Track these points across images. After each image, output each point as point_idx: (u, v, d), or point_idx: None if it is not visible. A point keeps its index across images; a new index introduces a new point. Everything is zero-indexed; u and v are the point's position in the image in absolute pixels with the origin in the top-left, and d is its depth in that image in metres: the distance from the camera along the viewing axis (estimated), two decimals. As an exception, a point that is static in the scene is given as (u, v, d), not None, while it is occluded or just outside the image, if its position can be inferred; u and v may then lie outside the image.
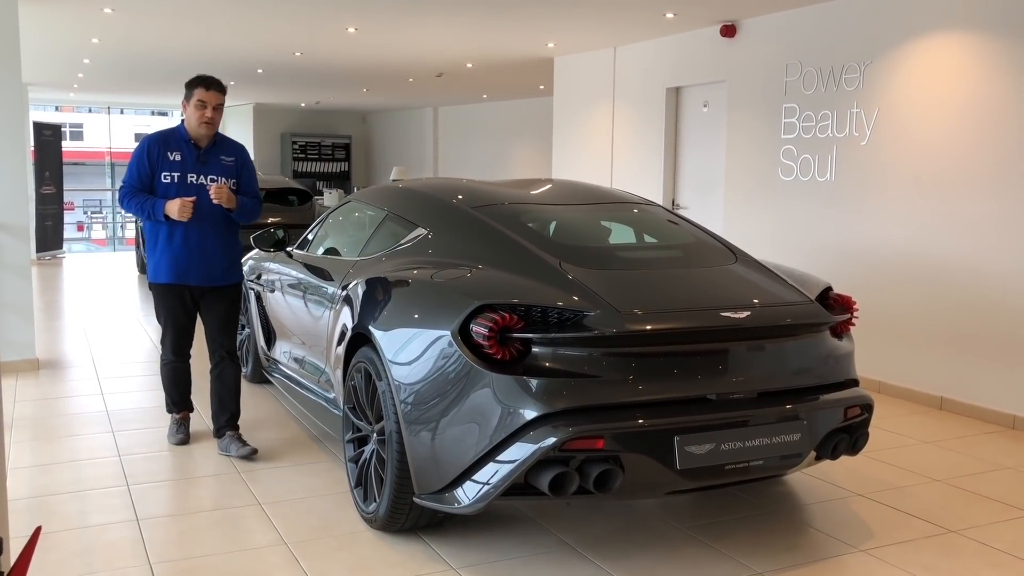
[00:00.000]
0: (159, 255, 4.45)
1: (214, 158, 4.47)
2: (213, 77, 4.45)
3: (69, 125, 33.65)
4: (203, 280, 4.48)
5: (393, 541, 3.51)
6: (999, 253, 5.40)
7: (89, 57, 10.58)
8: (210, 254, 4.46)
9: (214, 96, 4.41)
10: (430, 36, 8.62)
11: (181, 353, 4.64)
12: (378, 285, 3.78)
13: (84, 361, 6.76)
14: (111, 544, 3.47)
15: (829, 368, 3.54)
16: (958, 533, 3.69)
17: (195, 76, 4.43)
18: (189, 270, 4.44)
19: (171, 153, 4.40)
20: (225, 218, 4.49)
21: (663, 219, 4.39)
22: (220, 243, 4.50)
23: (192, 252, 4.41)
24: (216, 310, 4.57)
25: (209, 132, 4.43)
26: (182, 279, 4.45)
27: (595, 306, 3.18)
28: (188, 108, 4.43)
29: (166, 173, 4.39)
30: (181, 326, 4.57)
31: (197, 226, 4.39)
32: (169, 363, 4.66)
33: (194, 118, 4.40)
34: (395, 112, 18.45)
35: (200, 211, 4.37)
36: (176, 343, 4.60)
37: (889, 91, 6.07)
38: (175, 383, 4.71)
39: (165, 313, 4.54)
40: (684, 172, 8.32)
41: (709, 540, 3.56)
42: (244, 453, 4.46)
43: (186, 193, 4.35)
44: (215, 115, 4.42)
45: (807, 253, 6.62)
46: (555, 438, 2.94)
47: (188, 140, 4.43)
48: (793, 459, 3.34)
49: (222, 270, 4.52)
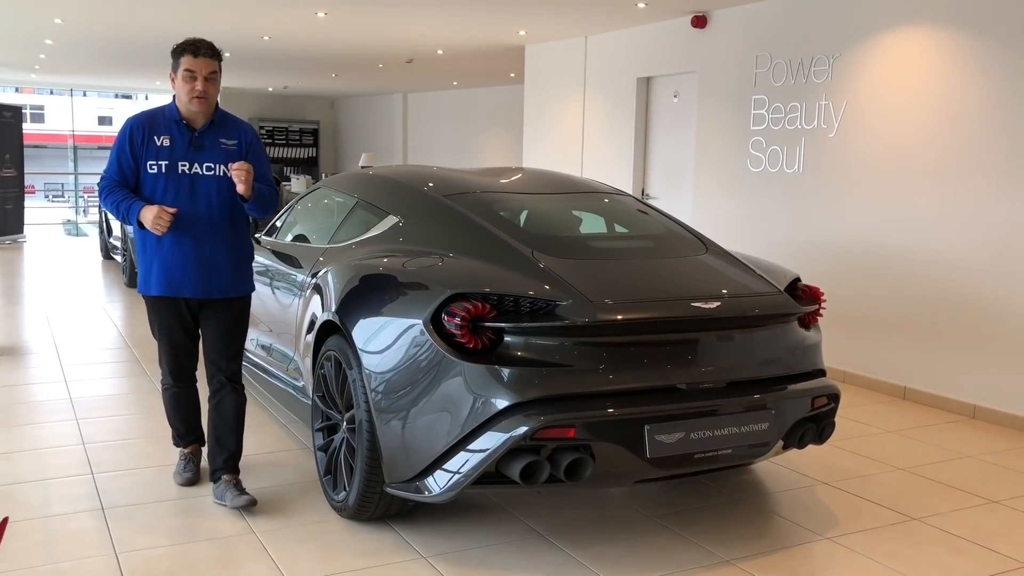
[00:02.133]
0: (148, 261, 3.68)
1: (211, 141, 3.65)
2: (203, 40, 3.61)
3: (30, 107, 33.01)
4: (201, 292, 3.68)
5: (363, 530, 3.50)
6: (962, 245, 5.49)
7: (51, 38, 10.37)
8: (209, 260, 3.65)
9: (205, 63, 3.56)
10: (400, 22, 8.56)
11: (182, 376, 3.90)
12: (349, 273, 3.75)
13: (46, 347, 6.65)
14: (75, 533, 3.42)
15: (797, 358, 3.58)
16: (920, 521, 3.76)
17: (181, 41, 3.59)
18: (183, 280, 3.64)
19: (159, 137, 3.61)
20: (229, 216, 3.68)
21: (634, 209, 4.41)
22: (222, 246, 3.69)
23: (187, 258, 3.62)
24: (215, 326, 3.77)
25: (203, 109, 3.60)
26: (175, 291, 3.66)
27: (567, 296, 3.18)
28: (176, 81, 3.60)
29: (152, 162, 3.60)
30: (179, 344, 3.80)
31: (192, 227, 3.60)
32: (169, 388, 3.93)
33: (183, 92, 3.56)
34: (364, 98, 18.32)
35: (196, 209, 3.60)
36: (175, 365, 3.85)
37: (857, 84, 6.13)
38: (178, 412, 3.97)
39: (159, 329, 3.79)
40: (654, 162, 8.34)
41: (677, 528, 3.59)
42: (240, 504, 3.63)
43: (177, 186, 3.59)
44: (208, 87, 3.57)
45: (775, 243, 6.67)
46: (526, 427, 2.95)
47: (179, 120, 3.62)
48: (761, 448, 3.38)
49: (225, 280, 3.70)
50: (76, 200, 20.80)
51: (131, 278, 9.44)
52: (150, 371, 5.94)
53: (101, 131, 37.64)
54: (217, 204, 3.64)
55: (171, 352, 3.82)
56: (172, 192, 3.59)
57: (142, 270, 3.73)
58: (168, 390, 3.94)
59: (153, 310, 3.77)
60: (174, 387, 3.91)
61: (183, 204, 3.58)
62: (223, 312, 3.77)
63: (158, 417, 4.90)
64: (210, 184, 3.63)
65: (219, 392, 3.82)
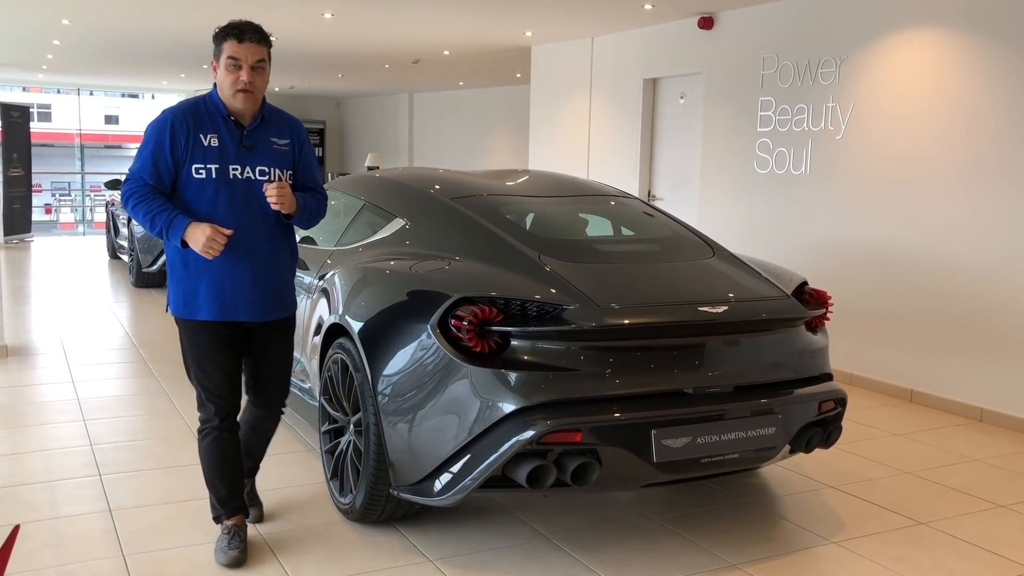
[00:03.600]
0: (193, 279, 3.11)
1: (262, 141, 3.14)
2: (249, 23, 3.08)
3: (37, 106, 33.10)
4: (255, 313, 3.17)
5: (369, 532, 3.50)
6: (970, 248, 5.48)
7: (59, 38, 10.40)
8: (266, 278, 3.17)
9: (251, 50, 3.04)
10: (407, 23, 8.57)
11: (228, 414, 3.22)
12: (356, 276, 3.76)
13: (54, 348, 6.67)
14: (83, 535, 3.43)
15: (804, 362, 3.57)
16: (927, 525, 3.75)
17: (224, 24, 3.09)
18: (238, 302, 3.12)
19: (205, 136, 3.05)
20: (285, 226, 3.25)
21: (640, 212, 4.41)
22: (279, 262, 3.23)
23: (242, 276, 3.11)
24: (267, 353, 3.29)
25: (249, 105, 3.07)
26: (228, 313, 3.12)
27: (574, 300, 3.19)
28: (218, 71, 3.09)
29: (200, 166, 3.03)
30: (227, 375, 3.19)
31: (246, 240, 3.10)
32: (211, 432, 3.21)
33: (226, 84, 3.05)
34: (370, 98, 18.33)
35: (250, 221, 3.10)
36: (222, 399, 3.20)
37: (864, 86, 6.11)
38: (222, 466, 3.24)
39: (202, 358, 3.18)
40: (660, 163, 8.34)
41: (683, 532, 3.59)
42: (251, 518, 3.49)
43: (229, 193, 3.05)
44: (256, 78, 3.05)
45: (781, 245, 6.67)
46: (533, 431, 2.95)
47: (227, 116, 3.09)
48: (768, 452, 3.38)
49: (278, 297, 3.25)
50: (83, 199, 20.84)
51: (138, 278, 9.47)
52: (157, 372, 5.96)
53: (108, 130, 37.76)
54: (273, 213, 3.14)
55: (218, 385, 3.17)
56: (223, 201, 3.06)
57: (182, 289, 3.12)
58: (209, 435, 3.22)
59: (194, 337, 3.17)
60: (218, 430, 3.20)
61: (236, 215, 3.06)
62: (275, 335, 3.29)
63: (165, 418, 4.93)
64: (262, 193, 3.12)
65: (260, 418, 3.45)
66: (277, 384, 3.39)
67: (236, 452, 3.28)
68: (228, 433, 3.23)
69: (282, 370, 3.40)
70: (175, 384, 5.62)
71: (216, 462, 3.24)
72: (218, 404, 3.20)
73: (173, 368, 6.04)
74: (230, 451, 3.25)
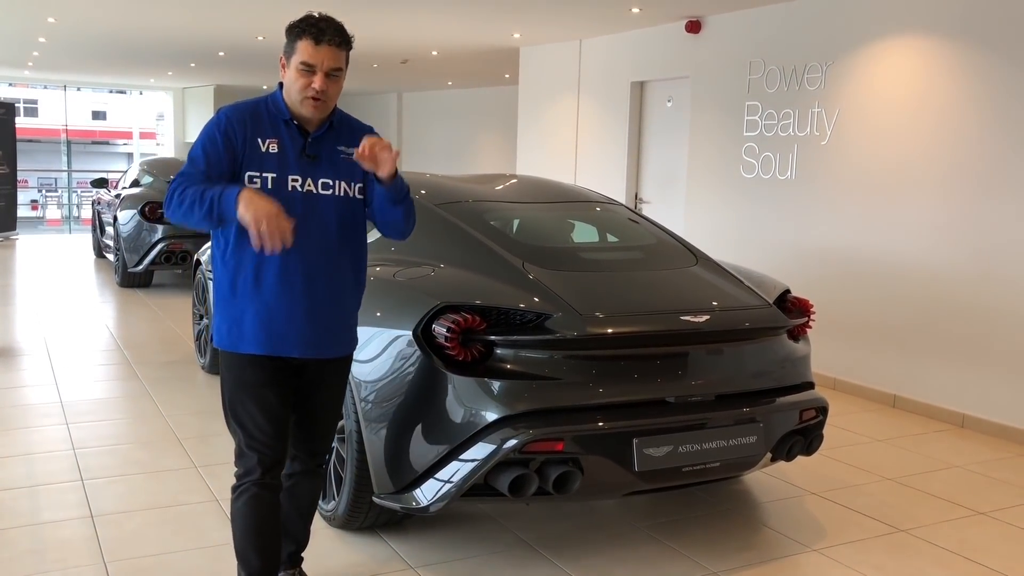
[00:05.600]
0: (240, 306, 2.63)
1: (327, 150, 2.68)
2: (330, 21, 2.63)
3: (23, 101, 32.93)
4: (309, 349, 2.68)
5: (352, 540, 3.50)
6: (953, 254, 5.51)
7: (45, 36, 10.35)
8: (322, 308, 2.68)
9: (329, 55, 2.58)
10: (395, 23, 8.56)
11: (272, 469, 2.69)
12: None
13: (37, 349, 6.64)
14: (64, 542, 3.42)
15: (786, 371, 3.59)
16: (907, 532, 3.78)
17: (301, 18, 2.63)
18: (289, 334, 2.64)
19: (264, 140, 2.62)
20: (350, 250, 2.74)
21: (625, 218, 4.42)
22: (340, 289, 2.73)
23: (295, 304, 2.63)
24: (316, 394, 2.80)
25: (319, 115, 2.66)
26: (277, 347, 2.64)
27: (557, 308, 3.19)
28: (287, 71, 2.63)
29: (255, 173, 2.59)
30: (274, 416, 2.67)
31: (304, 263, 2.62)
32: (249, 490, 2.67)
33: (295, 88, 2.61)
34: (358, 96, 18.30)
35: (310, 240, 2.61)
36: (267, 447, 2.66)
37: (850, 92, 6.14)
38: (259, 534, 2.70)
39: (245, 397, 2.66)
40: (647, 166, 8.36)
41: (665, 538, 3.61)
42: None
43: (287, 207, 2.47)
44: (330, 86, 2.61)
45: (767, 249, 6.70)
46: (516, 440, 2.96)
47: (290, 120, 2.67)
48: (749, 461, 3.40)
49: (337, 331, 2.75)
50: (70, 196, 20.73)
51: (123, 278, 9.43)
52: (141, 374, 5.94)
53: (95, 126, 37.57)
54: (337, 233, 2.68)
55: (262, 430, 2.65)
56: None
57: (227, 317, 2.66)
58: (245, 493, 2.67)
59: (237, 372, 2.67)
60: (258, 486, 2.66)
61: (294, 232, 2.48)
62: (329, 376, 2.81)
63: (149, 422, 4.91)
64: (327, 207, 2.66)
65: (299, 476, 2.88)
66: (322, 432, 2.87)
67: (276, 517, 2.73)
68: (269, 492, 2.68)
69: (330, 417, 2.88)
70: (160, 387, 5.61)
71: (253, 527, 2.68)
72: (262, 453, 2.65)
73: (158, 370, 6.03)
74: (269, 514, 2.70)
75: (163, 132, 25.26)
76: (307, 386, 2.78)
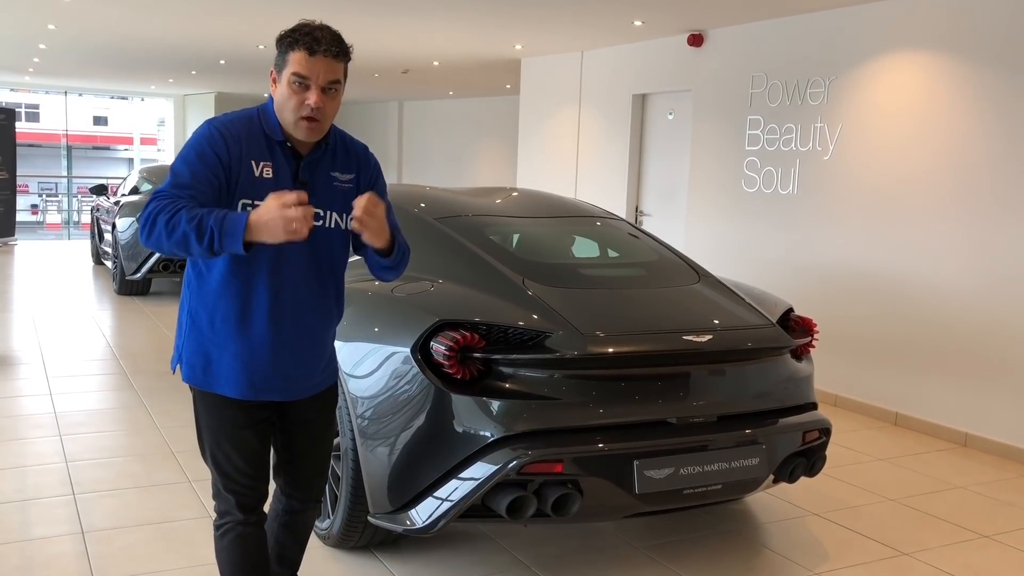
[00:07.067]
0: (217, 340, 2.40)
1: (320, 176, 2.43)
2: (326, 30, 2.34)
3: (25, 106, 32.91)
4: (293, 391, 2.49)
5: (347, 559, 3.45)
6: (956, 271, 5.47)
7: (45, 43, 10.32)
8: (310, 347, 2.48)
9: (325, 67, 2.30)
10: (397, 34, 8.53)
11: (253, 507, 2.52)
12: (337, 296, 3.70)
13: (33, 357, 6.59)
14: (54, 559, 3.36)
15: (789, 392, 3.54)
16: (910, 556, 3.73)
17: (295, 26, 2.36)
18: (272, 380, 2.43)
19: (257, 164, 2.35)
20: (334, 285, 2.53)
21: (626, 234, 4.37)
22: (327, 327, 2.55)
23: (282, 347, 2.42)
24: (304, 428, 2.59)
25: (314, 136, 2.38)
26: (259, 393, 2.43)
27: (557, 327, 3.14)
28: (279, 85, 2.36)
29: (247, 201, 2.32)
30: (253, 455, 2.48)
31: (293, 300, 2.41)
32: (233, 528, 2.51)
33: (288, 106, 2.33)
34: (359, 105, 18.28)
35: (297, 274, 2.41)
36: (247, 488, 2.49)
37: (853, 107, 6.11)
38: (246, 565, 2.53)
39: (220, 437, 2.46)
40: (648, 179, 8.32)
41: (665, 560, 3.55)
42: None
43: None
44: (327, 104, 2.33)
45: (768, 264, 6.65)
46: (514, 461, 2.90)
47: (283, 141, 2.39)
48: (752, 483, 3.34)
49: (323, 368, 2.56)
50: (70, 201, 20.70)
51: (121, 285, 9.38)
52: (137, 385, 5.89)
53: (96, 131, 37.55)
54: (325, 265, 2.47)
55: (241, 471, 2.46)
56: (271, 249, 2.28)
57: (199, 353, 2.41)
58: (229, 533, 2.51)
59: (213, 412, 2.45)
60: (242, 525, 2.50)
61: (285, 267, 2.36)
62: (315, 411, 2.59)
63: (143, 434, 4.86)
64: (317, 239, 2.37)
65: (294, 512, 2.69)
66: (315, 467, 2.65)
67: (264, 550, 2.57)
68: (254, 528, 2.52)
69: (322, 450, 2.66)
70: (154, 397, 5.56)
71: (239, 564, 2.52)
72: (240, 495, 2.47)
73: (153, 380, 5.97)
74: (256, 549, 2.53)
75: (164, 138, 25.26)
76: (293, 426, 2.56)
